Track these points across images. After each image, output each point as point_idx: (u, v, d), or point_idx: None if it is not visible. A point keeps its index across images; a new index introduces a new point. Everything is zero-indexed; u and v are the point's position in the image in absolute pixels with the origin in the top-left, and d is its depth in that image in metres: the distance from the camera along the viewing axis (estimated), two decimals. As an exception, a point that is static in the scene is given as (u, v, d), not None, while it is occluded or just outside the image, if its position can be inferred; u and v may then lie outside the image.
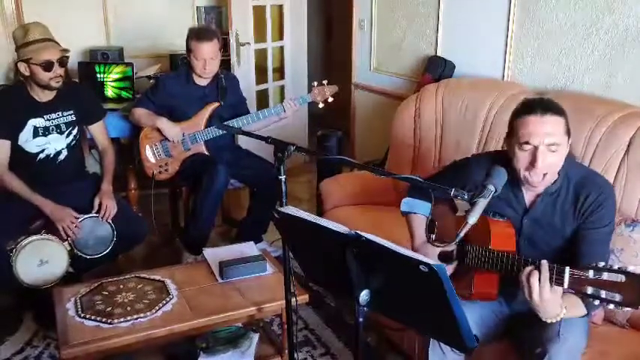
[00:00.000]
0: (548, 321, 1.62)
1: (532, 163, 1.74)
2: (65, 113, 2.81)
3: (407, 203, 2.15)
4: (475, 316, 1.87)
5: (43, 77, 2.64)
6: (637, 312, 2.08)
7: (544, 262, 1.56)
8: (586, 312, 1.71)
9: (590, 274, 1.44)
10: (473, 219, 1.55)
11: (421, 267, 1.22)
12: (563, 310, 1.61)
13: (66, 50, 2.72)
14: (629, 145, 2.25)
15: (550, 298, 1.56)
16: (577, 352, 1.76)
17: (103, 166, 2.99)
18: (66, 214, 2.70)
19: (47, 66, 2.61)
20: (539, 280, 1.55)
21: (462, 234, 1.57)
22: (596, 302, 1.45)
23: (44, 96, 2.74)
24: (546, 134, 1.72)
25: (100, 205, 2.79)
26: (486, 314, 1.93)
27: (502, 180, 1.67)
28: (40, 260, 2.63)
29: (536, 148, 1.73)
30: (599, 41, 2.63)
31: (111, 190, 2.88)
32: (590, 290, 1.44)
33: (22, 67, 2.64)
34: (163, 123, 3.16)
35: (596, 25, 2.63)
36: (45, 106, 2.75)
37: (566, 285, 1.50)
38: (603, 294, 1.41)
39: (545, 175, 1.76)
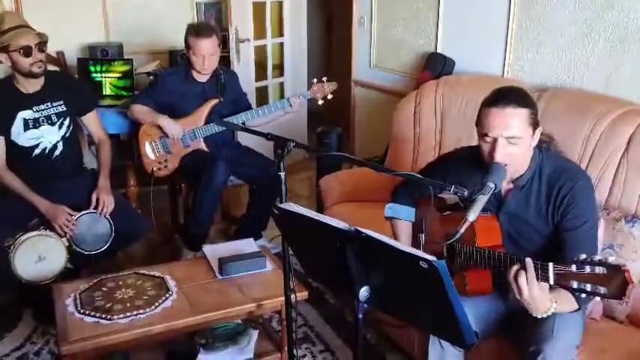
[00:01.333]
0: (539, 316, 1.63)
1: (490, 154, 1.75)
2: (55, 104, 2.79)
3: (391, 209, 2.15)
4: (473, 312, 1.87)
5: (24, 64, 2.62)
6: (636, 308, 2.09)
7: (528, 261, 1.56)
8: (578, 306, 1.71)
9: (573, 268, 1.44)
10: (472, 216, 1.55)
11: (421, 263, 1.22)
12: (553, 305, 1.61)
13: (43, 35, 2.69)
14: (628, 143, 2.25)
15: (539, 294, 1.56)
16: (571, 349, 1.76)
17: (99, 159, 2.96)
18: (60, 212, 2.69)
19: (26, 51, 2.59)
20: (527, 278, 1.55)
21: (462, 230, 1.57)
22: (583, 296, 1.44)
23: (30, 87, 2.72)
24: (505, 127, 1.71)
25: (97, 200, 2.78)
26: (484, 311, 1.93)
27: (501, 177, 1.68)
28: (38, 256, 2.63)
29: (495, 140, 1.73)
30: (599, 38, 2.63)
31: (108, 185, 2.86)
32: (575, 284, 1.44)
33: (3, 58, 2.63)
34: (164, 120, 3.16)
35: (596, 21, 2.63)
36: (32, 98, 2.74)
37: (551, 281, 1.49)
38: (588, 287, 1.41)
39: (506, 166, 1.75)
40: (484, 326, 1.92)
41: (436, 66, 3.45)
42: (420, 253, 1.24)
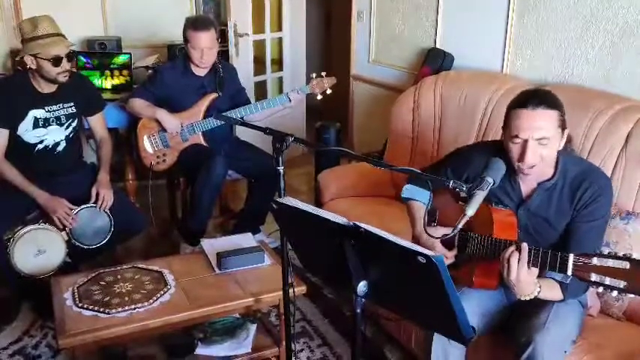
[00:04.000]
0: (522, 298, 1.70)
1: (521, 156, 1.76)
2: (66, 105, 2.80)
3: (408, 190, 2.16)
4: (476, 305, 1.90)
5: (50, 72, 2.63)
6: (633, 305, 2.10)
7: (524, 245, 1.63)
8: (562, 297, 1.77)
9: (595, 260, 1.46)
10: (471, 211, 1.55)
11: (419, 258, 1.22)
12: (537, 289, 1.69)
13: (72, 44, 2.71)
14: (627, 139, 2.25)
15: (526, 278, 1.64)
16: (563, 343, 1.78)
17: (100, 155, 2.97)
18: (59, 205, 2.69)
19: (56, 61, 2.60)
20: (518, 260, 1.62)
21: (460, 225, 1.57)
22: (600, 289, 1.47)
23: (47, 87, 2.73)
24: (536, 128, 1.72)
25: (97, 195, 2.78)
26: (487, 304, 1.95)
27: (500, 172, 1.68)
28: (37, 250, 2.63)
29: (525, 141, 1.74)
30: (598, 34, 2.63)
31: (108, 179, 2.87)
32: (594, 277, 1.46)
33: (29, 60, 2.62)
34: (162, 114, 3.16)
35: (595, 17, 2.63)
36: (46, 98, 2.74)
37: (569, 272, 1.53)
38: (607, 281, 1.44)
39: (534, 166, 1.77)
40: (486, 319, 1.94)
41: (435, 61, 3.45)
42: (418, 247, 1.24)
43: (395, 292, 1.41)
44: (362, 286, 1.37)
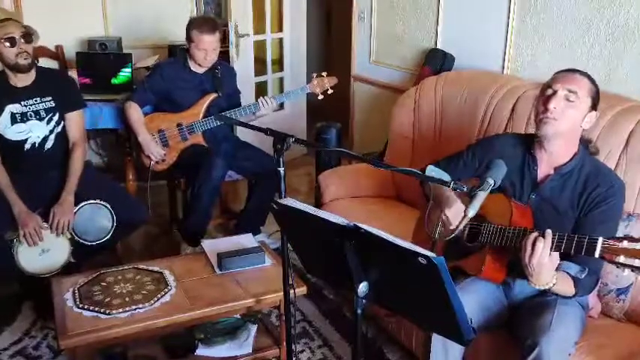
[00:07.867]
0: (538, 287, 1.71)
1: (545, 104, 1.81)
2: (44, 99, 2.77)
3: (433, 170, 2.15)
4: (476, 301, 1.90)
5: (8, 54, 2.61)
6: (633, 306, 2.10)
7: (548, 231, 1.65)
8: (574, 292, 1.78)
9: (625, 243, 1.48)
10: (472, 212, 1.55)
11: (420, 259, 1.22)
12: (553, 281, 1.69)
13: (28, 27, 2.69)
14: (628, 139, 2.25)
15: (547, 264, 1.64)
16: (568, 345, 1.78)
17: (69, 165, 2.77)
18: (31, 220, 2.59)
19: (10, 41, 2.59)
20: (543, 245, 1.63)
21: (461, 226, 1.58)
22: (626, 272, 1.48)
23: (20, 82, 2.71)
24: (568, 81, 1.81)
25: (53, 216, 2.63)
26: (487, 301, 1.95)
27: (501, 173, 1.68)
28: (41, 249, 2.63)
29: (555, 92, 1.81)
30: (599, 34, 2.63)
31: (71, 201, 2.68)
32: (622, 259, 1.48)
33: None
34: (144, 138, 3.15)
35: (596, 18, 2.63)
36: (22, 92, 2.72)
37: (597, 254, 1.54)
38: (637, 262, 1.45)
39: (555, 121, 1.81)
40: (488, 316, 1.94)
41: (436, 62, 3.45)
42: (418, 248, 1.24)
43: (395, 292, 1.41)
44: (362, 287, 1.37)
